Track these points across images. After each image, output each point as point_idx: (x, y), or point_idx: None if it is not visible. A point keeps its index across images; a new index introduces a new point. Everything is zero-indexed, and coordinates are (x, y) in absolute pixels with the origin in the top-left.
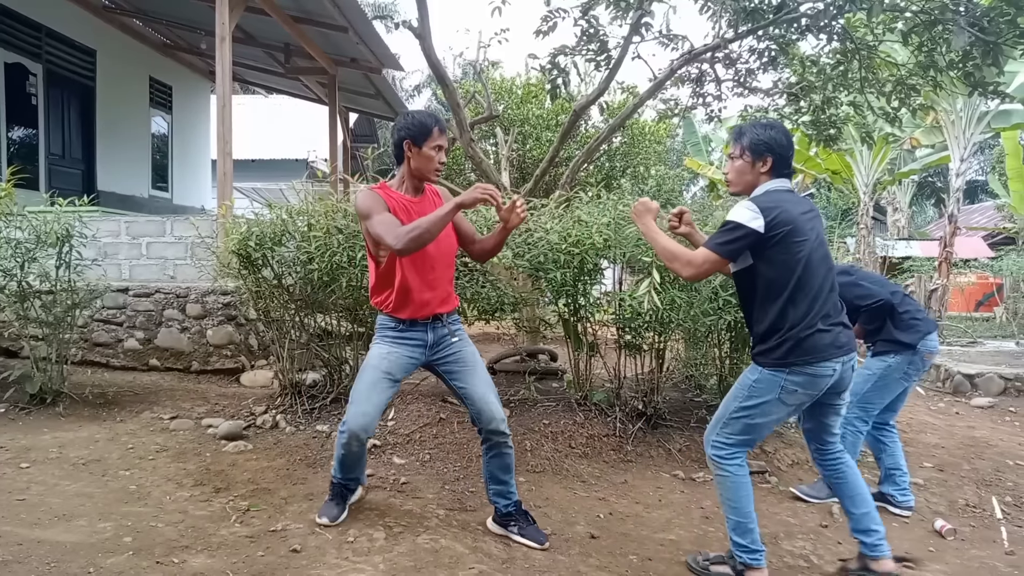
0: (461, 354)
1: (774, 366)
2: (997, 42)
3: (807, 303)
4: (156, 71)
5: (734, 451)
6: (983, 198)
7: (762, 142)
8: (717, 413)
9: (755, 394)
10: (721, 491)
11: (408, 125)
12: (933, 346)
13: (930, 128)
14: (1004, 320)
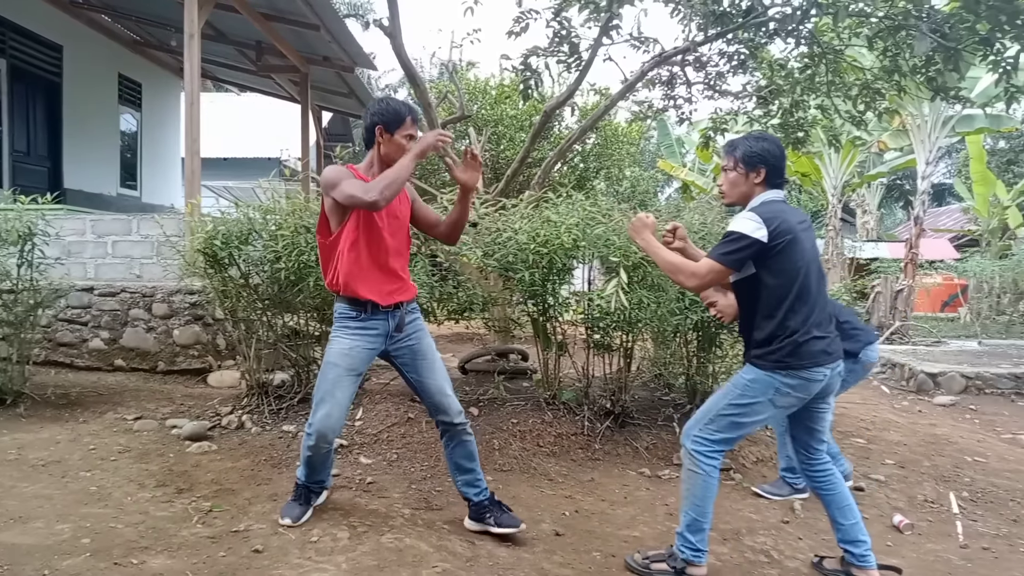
0: (419, 345)
1: (772, 368)
2: (957, 48)
3: (806, 311)
4: (125, 68)
5: (715, 448)
6: (950, 201)
7: (755, 154)
8: (702, 409)
9: (749, 393)
10: (689, 487)
11: (382, 111)
12: (874, 356)
13: (897, 132)
14: (968, 320)
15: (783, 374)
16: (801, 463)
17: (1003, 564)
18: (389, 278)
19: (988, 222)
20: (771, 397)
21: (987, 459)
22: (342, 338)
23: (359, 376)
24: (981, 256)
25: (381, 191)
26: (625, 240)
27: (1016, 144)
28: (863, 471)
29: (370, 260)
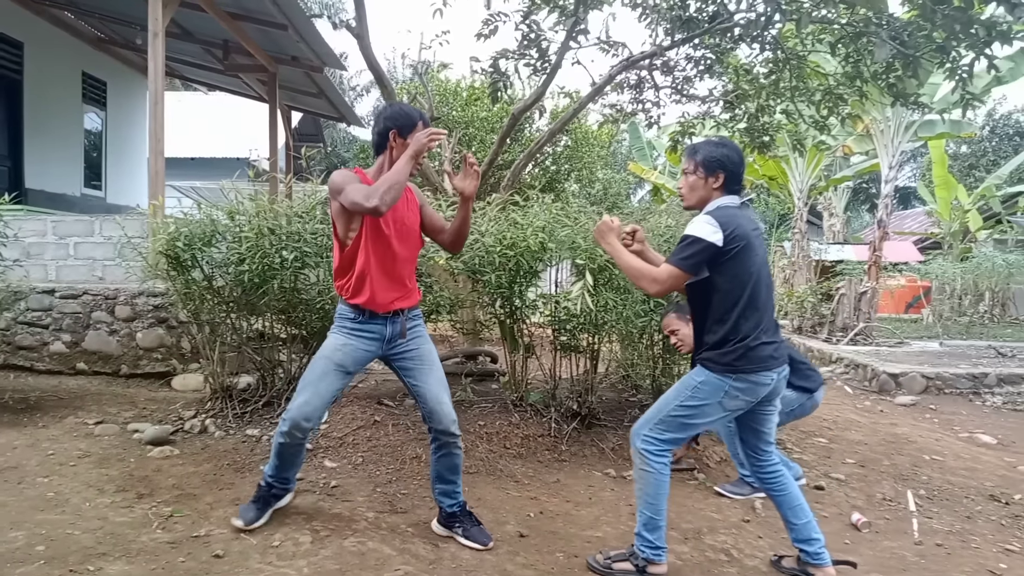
0: (419, 351)
1: (722, 372)
2: (916, 55)
3: (757, 316)
4: (89, 66)
5: (663, 447)
6: (916, 204)
7: (715, 159)
8: (652, 409)
9: (698, 395)
10: (641, 486)
11: (395, 115)
12: (820, 399)
13: (861, 136)
14: (931, 321)
15: (733, 378)
16: (751, 465)
17: (955, 560)
18: (395, 285)
19: (950, 225)
20: (720, 400)
21: (944, 458)
22: (338, 335)
23: (347, 375)
24: (943, 259)
25: (381, 196)
26: (591, 243)
27: (977, 149)
28: (824, 470)
29: (378, 267)
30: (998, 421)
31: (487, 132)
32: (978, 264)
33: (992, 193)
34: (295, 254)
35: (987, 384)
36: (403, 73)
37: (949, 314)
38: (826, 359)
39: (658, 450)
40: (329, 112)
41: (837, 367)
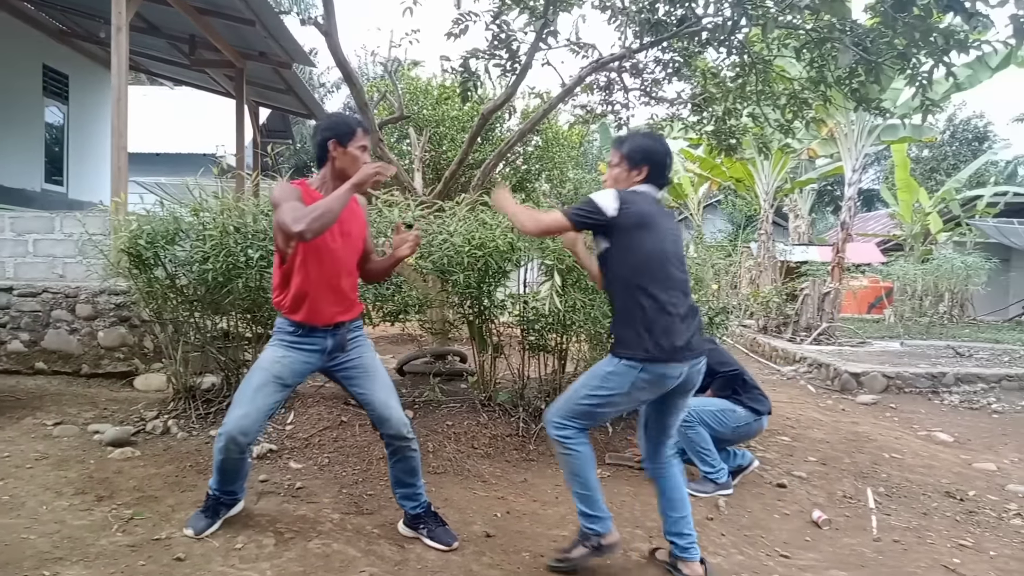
0: (361, 360)
1: (630, 360)
2: (878, 61)
3: (662, 306)
4: (51, 59)
5: (577, 431)
6: (879, 206)
7: (639, 151)
8: (563, 396)
9: (607, 384)
10: (567, 468)
11: (333, 125)
12: (765, 424)
13: (826, 140)
14: (892, 322)
15: (640, 368)
16: (647, 452)
17: (911, 556)
18: (338, 299)
19: (911, 228)
20: (629, 389)
21: (903, 455)
22: (276, 347)
23: (286, 387)
24: (905, 260)
25: (310, 223)
26: (559, 243)
27: (938, 153)
28: (787, 468)
29: (320, 282)
30: (955, 419)
31: (457, 131)
32: (938, 266)
33: (952, 196)
34: (261, 252)
35: (945, 383)
36: (373, 71)
37: (910, 314)
38: (790, 358)
39: (572, 433)
40: (298, 108)
41: (801, 366)
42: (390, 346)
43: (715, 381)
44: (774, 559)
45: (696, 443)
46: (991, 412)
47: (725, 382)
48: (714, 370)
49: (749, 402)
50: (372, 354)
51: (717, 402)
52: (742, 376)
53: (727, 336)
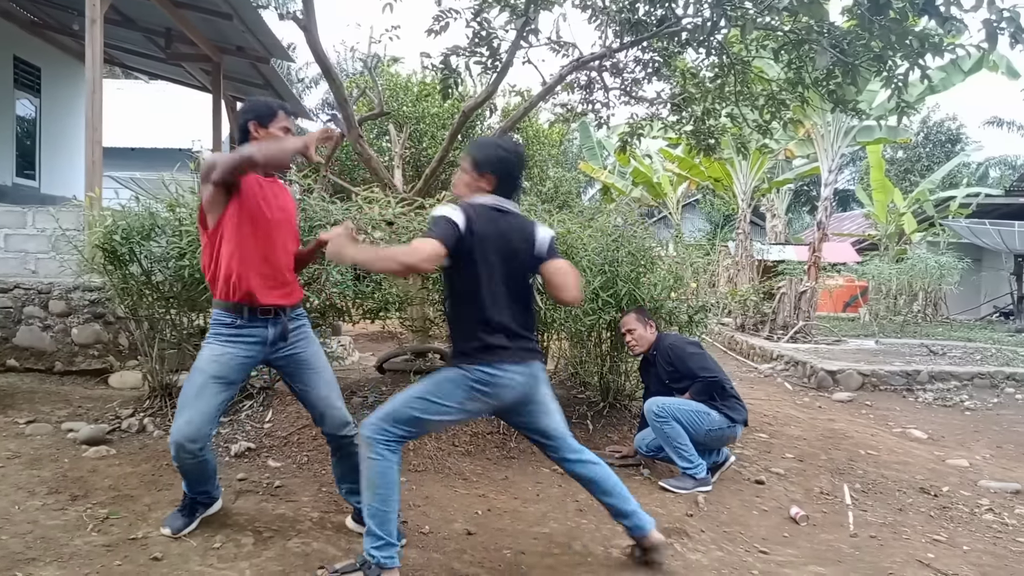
0: (304, 354)
1: (462, 366)
2: (855, 63)
3: (495, 311)
4: (22, 50)
5: (394, 438)
6: (854, 206)
7: (488, 160)
8: (393, 402)
9: (441, 392)
10: (368, 475)
11: (253, 107)
12: (739, 433)
13: (803, 140)
14: (867, 320)
15: (471, 376)
16: (551, 458)
17: (887, 551)
18: (275, 277)
19: (886, 228)
20: (462, 400)
21: (879, 452)
22: (213, 344)
23: (230, 385)
24: (880, 260)
25: (236, 159)
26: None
27: (912, 155)
28: (764, 464)
29: (255, 250)
30: (929, 416)
31: (438, 128)
32: (912, 265)
33: (926, 197)
34: None
35: (919, 381)
36: (352, 67)
37: (885, 313)
38: (767, 356)
39: (389, 438)
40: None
41: (777, 364)
42: (370, 344)
43: (694, 385)
44: (753, 555)
45: (672, 438)
46: (964, 409)
47: (704, 387)
48: (694, 374)
49: (726, 409)
50: (316, 348)
51: (693, 404)
52: (721, 384)
53: (706, 333)
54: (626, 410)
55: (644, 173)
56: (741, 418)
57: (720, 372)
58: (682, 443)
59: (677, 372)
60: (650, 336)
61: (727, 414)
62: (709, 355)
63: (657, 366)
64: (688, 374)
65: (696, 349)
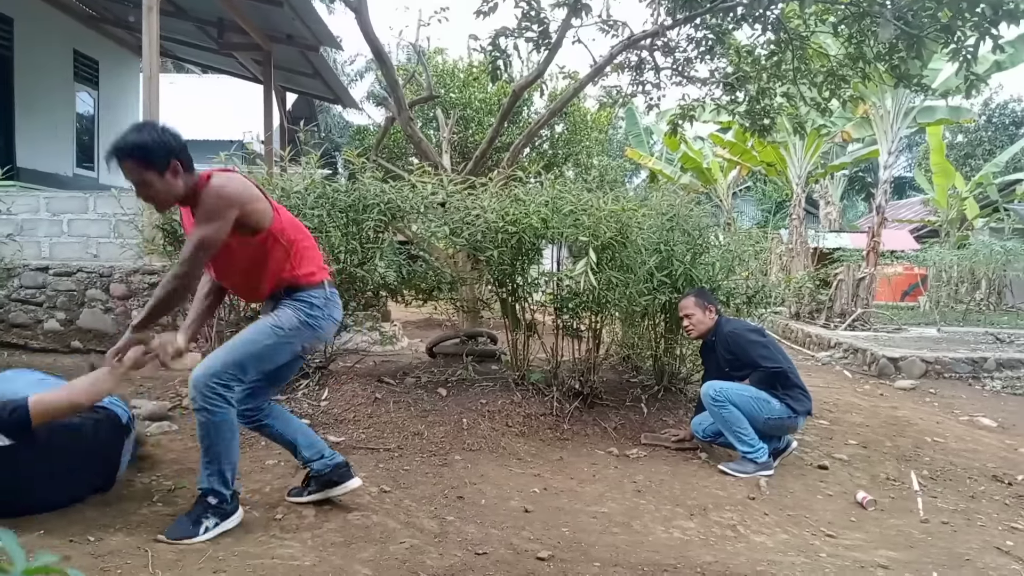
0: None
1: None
2: (920, 35)
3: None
4: (81, 44)
5: (227, 390)
6: (911, 194)
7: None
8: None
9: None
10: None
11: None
12: (800, 425)
13: (860, 122)
14: (927, 309)
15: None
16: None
17: (961, 537)
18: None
19: (947, 213)
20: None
21: (946, 440)
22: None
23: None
24: (940, 246)
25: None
26: (594, 220)
27: (974, 138)
28: (826, 450)
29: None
30: (998, 404)
31: (484, 114)
32: (975, 251)
33: (989, 181)
34: None
35: (986, 369)
36: (397, 57)
37: (946, 301)
38: (824, 344)
39: (221, 393)
40: (324, 93)
41: (836, 352)
42: (418, 331)
43: (755, 373)
44: (820, 538)
45: (731, 423)
46: None
47: (765, 376)
48: (755, 363)
49: (788, 399)
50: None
51: (753, 390)
52: (785, 374)
53: (762, 320)
54: (681, 394)
55: (693, 159)
56: (804, 409)
57: (784, 361)
58: (741, 427)
59: (737, 360)
60: (709, 321)
61: (789, 404)
62: (773, 342)
63: (717, 352)
64: (749, 363)
65: (758, 337)
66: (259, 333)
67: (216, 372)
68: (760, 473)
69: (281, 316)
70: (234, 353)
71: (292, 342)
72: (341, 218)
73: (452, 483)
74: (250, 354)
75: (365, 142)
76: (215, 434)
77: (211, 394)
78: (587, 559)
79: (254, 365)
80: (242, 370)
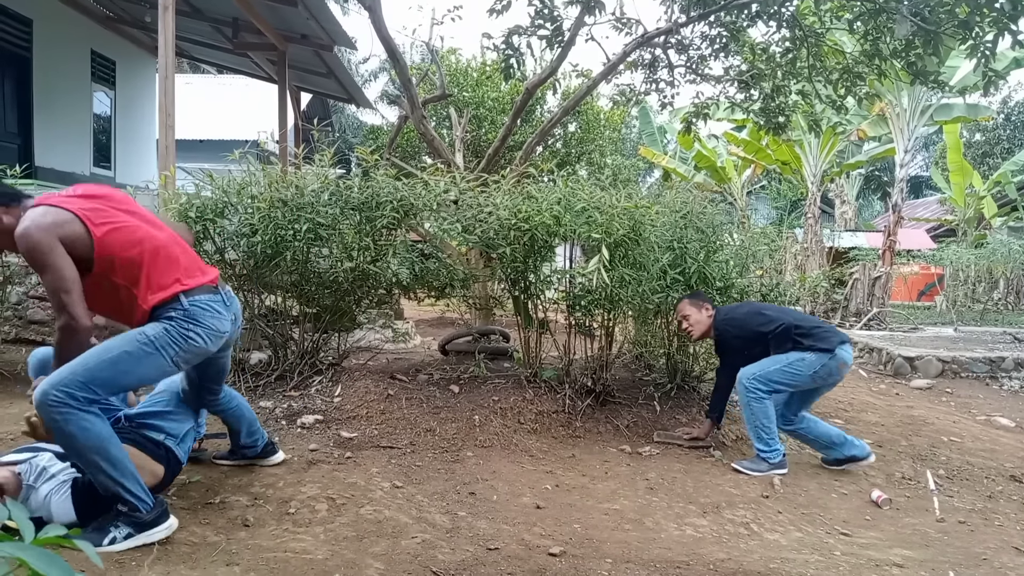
0: None
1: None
2: (937, 31)
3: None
4: (98, 45)
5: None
6: (928, 193)
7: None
8: (78, 364)
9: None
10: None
11: None
12: (847, 357)
13: (876, 120)
14: (944, 308)
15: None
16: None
17: (978, 536)
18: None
19: (964, 212)
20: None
21: (962, 439)
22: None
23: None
24: (957, 245)
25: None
26: (607, 217)
27: (991, 137)
28: None
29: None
30: (1016, 404)
31: (497, 113)
32: (993, 251)
33: (1008, 180)
34: (308, 225)
35: (1004, 368)
36: (411, 57)
37: (963, 301)
38: None
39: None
40: (338, 93)
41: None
42: (430, 329)
43: (770, 344)
44: (834, 537)
45: (757, 416)
46: None
47: (777, 340)
48: (760, 334)
49: (815, 344)
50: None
51: (782, 358)
52: (792, 326)
53: None
54: (694, 392)
55: (707, 157)
56: (837, 340)
57: (784, 315)
58: (766, 424)
59: (743, 339)
60: (707, 319)
61: (818, 348)
62: (768, 304)
63: (726, 344)
64: (755, 337)
65: (748, 309)
66: (119, 340)
67: (61, 381)
68: (773, 472)
69: (147, 327)
70: (86, 362)
71: (157, 353)
72: (354, 215)
73: (464, 479)
74: (103, 361)
75: (379, 141)
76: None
77: (54, 402)
78: (599, 555)
79: (106, 372)
80: (91, 377)
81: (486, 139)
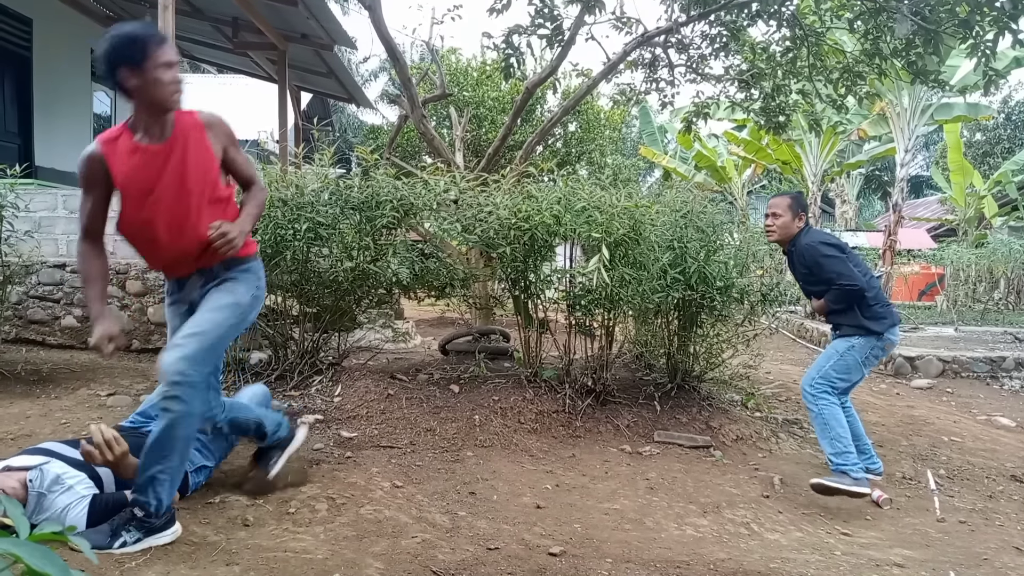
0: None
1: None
2: (938, 31)
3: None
4: (98, 44)
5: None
6: (928, 193)
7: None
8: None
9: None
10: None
11: (116, 46)
12: (895, 338)
13: (876, 120)
14: (945, 308)
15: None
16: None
17: (979, 536)
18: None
19: (965, 211)
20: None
21: (963, 439)
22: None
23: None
24: (958, 245)
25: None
26: (607, 216)
27: (992, 137)
28: None
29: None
30: (1016, 404)
31: (498, 112)
32: (993, 250)
33: (1008, 179)
34: (308, 225)
35: (1005, 368)
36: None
37: (964, 300)
38: None
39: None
40: (338, 93)
41: None
42: (430, 329)
43: (830, 292)
44: (835, 536)
45: (831, 426)
46: None
47: (839, 295)
48: (830, 280)
49: (867, 323)
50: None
51: (831, 349)
52: (862, 292)
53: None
54: (695, 392)
55: (708, 157)
56: (888, 323)
57: (861, 279)
58: (841, 434)
59: (812, 275)
60: (795, 228)
61: (869, 328)
62: (853, 256)
63: (795, 264)
64: (824, 279)
65: (835, 252)
66: (222, 310)
67: (197, 357)
68: (856, 488)
69: (237, 291)
70: (209, 336)
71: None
72: (354, 215)
73: (464, 479)
74: (220, 337)
75: (379, 141)
76: (183, 430)
77: (186, 381)
78: (599, 555)
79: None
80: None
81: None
